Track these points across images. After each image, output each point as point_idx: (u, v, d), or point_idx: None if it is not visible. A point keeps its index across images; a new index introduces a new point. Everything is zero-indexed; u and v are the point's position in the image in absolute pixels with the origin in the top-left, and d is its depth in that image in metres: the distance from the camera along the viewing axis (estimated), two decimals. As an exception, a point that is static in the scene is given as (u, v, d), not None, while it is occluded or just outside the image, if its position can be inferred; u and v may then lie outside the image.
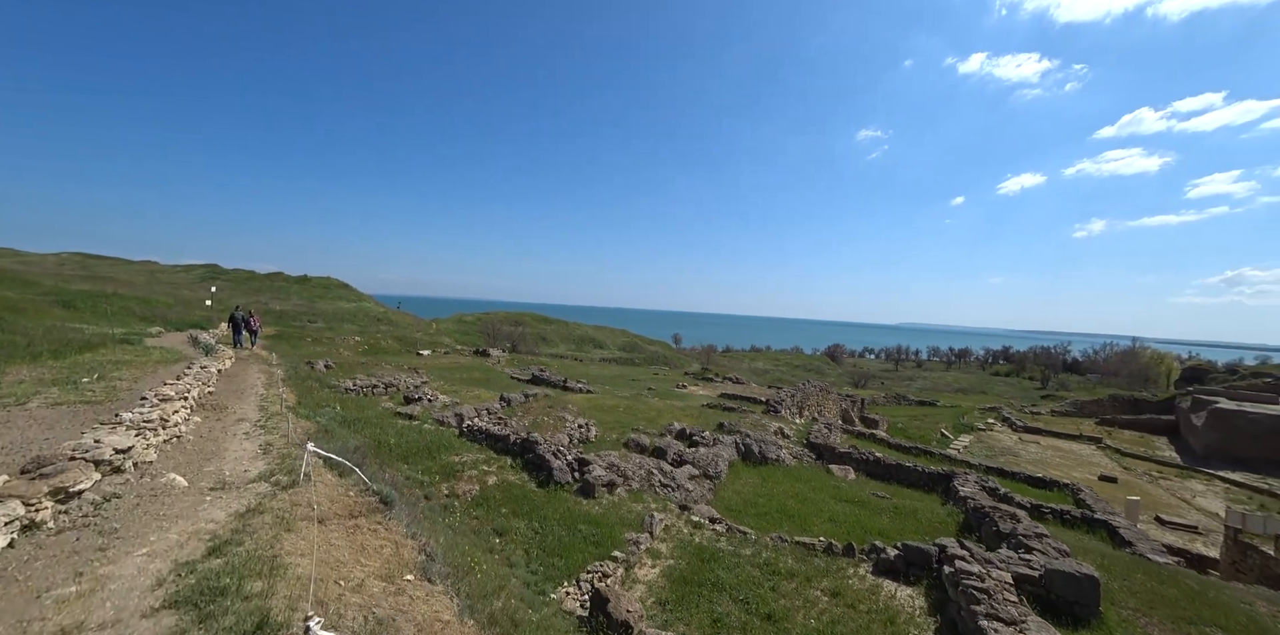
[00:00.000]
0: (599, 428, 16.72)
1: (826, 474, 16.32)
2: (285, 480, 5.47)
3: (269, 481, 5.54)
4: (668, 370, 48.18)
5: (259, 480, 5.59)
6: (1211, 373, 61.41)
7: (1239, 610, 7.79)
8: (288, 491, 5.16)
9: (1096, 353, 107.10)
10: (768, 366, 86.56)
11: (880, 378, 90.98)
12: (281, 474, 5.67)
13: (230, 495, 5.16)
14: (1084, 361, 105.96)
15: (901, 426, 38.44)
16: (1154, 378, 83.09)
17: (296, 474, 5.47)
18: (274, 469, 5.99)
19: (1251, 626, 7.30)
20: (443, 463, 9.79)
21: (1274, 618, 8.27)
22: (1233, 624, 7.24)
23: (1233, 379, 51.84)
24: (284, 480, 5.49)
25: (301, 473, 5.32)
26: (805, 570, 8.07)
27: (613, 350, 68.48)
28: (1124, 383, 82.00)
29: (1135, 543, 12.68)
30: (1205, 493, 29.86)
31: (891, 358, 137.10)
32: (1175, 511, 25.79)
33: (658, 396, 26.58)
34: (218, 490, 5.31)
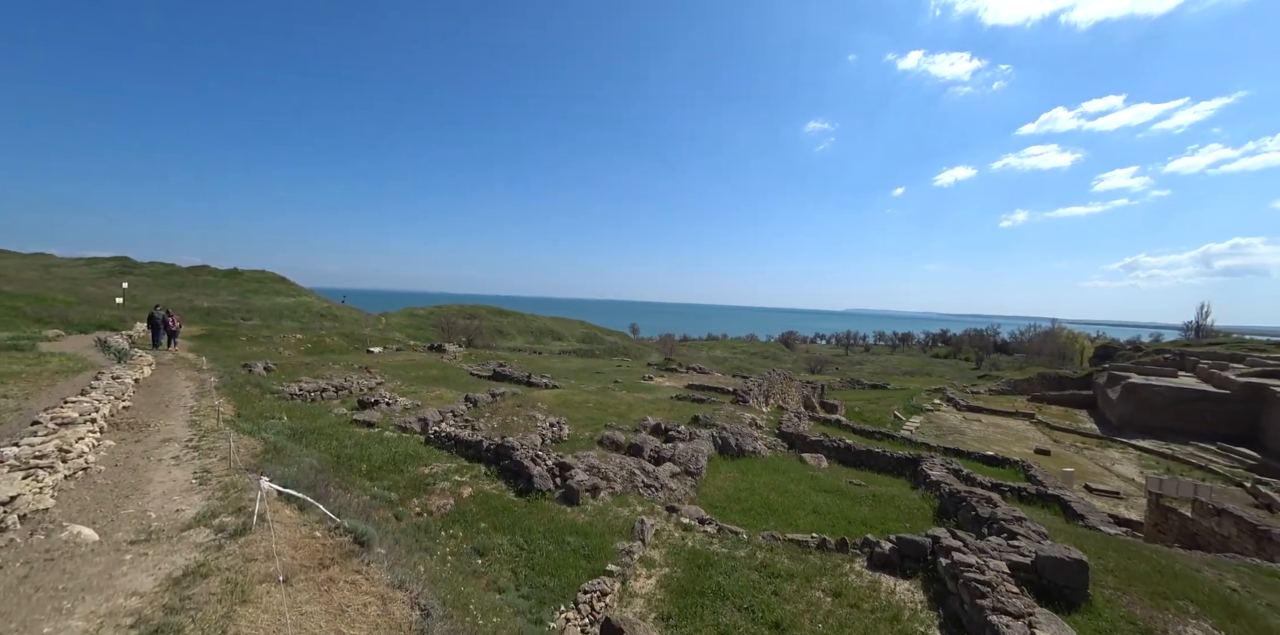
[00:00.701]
0: (571, 426, 16.10)
1: (801, 463, 16.47)
2: (233, 523, 4.47)
3: (211, 525, 4.47)
4: (630, 361, 47.84)
5: (197, 524, 4.50)
6: (1119, 350, 67.72)
7: (1199, 580, 8.28)
8: (238, 540, 4.15)
9: (1022, 334, 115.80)
10: (726, 354, 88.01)
11: (833, 362, 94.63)
12: (227, 513, 4.67)
13: (160, 549, 4.04)
14: (1012, 342, 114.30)
15: (858, 410, 39.95)
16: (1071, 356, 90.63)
17: (247, 513, 4.46)
18: (216, 506, 4.91)
19: (1214, 596, 7.75)
20: (411, 476, 8.93)
21: (1220, 581, 8.89)
22: (1199, 595, 7.66)
23: (1138, 355, 57.31)
24: (231, 523, 4.48)
25: (255, 514, 4.34)
26: (803, 570, 7.89)
27: (572, 342, 67.41)
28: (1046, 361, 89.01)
29: (1086, 516, 13.52)
30: (1122, 460, 32.76)
31: (841, 343, 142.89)
32: (1100, 479, 28.08)
33: (625, 389, 26.16)
34: (142, 543, 4.15)
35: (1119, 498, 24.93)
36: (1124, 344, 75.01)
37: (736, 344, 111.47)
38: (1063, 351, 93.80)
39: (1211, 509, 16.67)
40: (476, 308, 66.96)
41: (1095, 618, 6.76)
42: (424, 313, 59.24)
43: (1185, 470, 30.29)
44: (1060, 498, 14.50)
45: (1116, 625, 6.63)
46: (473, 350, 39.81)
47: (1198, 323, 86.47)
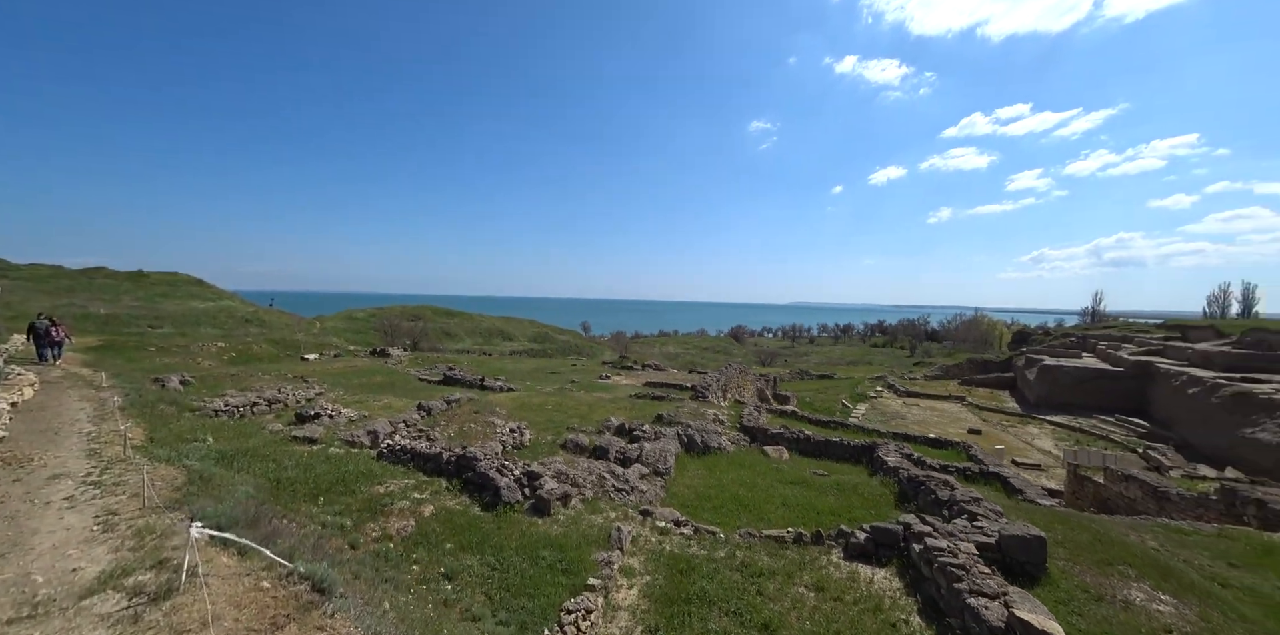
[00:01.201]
0: (532, 430, 15.52)
1: (764, 457, 16.71)
2: (153, 582, 3.47)
3: (123, 587, 3.43)
4: (585, 360, 47.26)
5: (104, 586, 3.42)
6: (1032, 335, 74.39)
7: (1131, 544, 9.02)
8: (161, 606, 3.18)
9: (949, 323, 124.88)
10: (678, 350, 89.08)
11: (781, 354, 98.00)
12: (144, 569, 3.66)
13: (50, 629, 2.94)
14: (941, 331, 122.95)
15: (809, 400, 41.45)
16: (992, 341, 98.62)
17: (172, 566, 3.54)
18: (128, 560, 3.83)
19: (1145, 558, 8.44)
20: (365, 497, 8.15)
21: (1144, 542, 9.75)
22: (1134, 559, 8.31)
23: (1048, 340, 63.17)
24: (150, 582, 3.47)
25: (183, 568, 3.45)
26: (784, 566, 7.87)
27: (523, 342, 65.80)
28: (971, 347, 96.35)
29: (1024, 490, 14.52)
30: (1040, 435, 35.85)
31: (788, 335, 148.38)
32: (1024, 454, 30.57)
33: (583, 389, 25.68)
34: (23, 623, 3.02)
35: (1041, 470, 27.26)
36: (1036, 329, 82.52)
37: (688, 339, 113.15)
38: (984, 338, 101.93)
39: (1120, 475, 18.44)
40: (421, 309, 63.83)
41: (1054, 590, 7.15)
42: (364, 315, 55.74)
43: (1090, 441, 33.60)
44: (1000, 475, 15.53)
45: (1073, 594, 7.04)
46: (419, 353, 37.85)
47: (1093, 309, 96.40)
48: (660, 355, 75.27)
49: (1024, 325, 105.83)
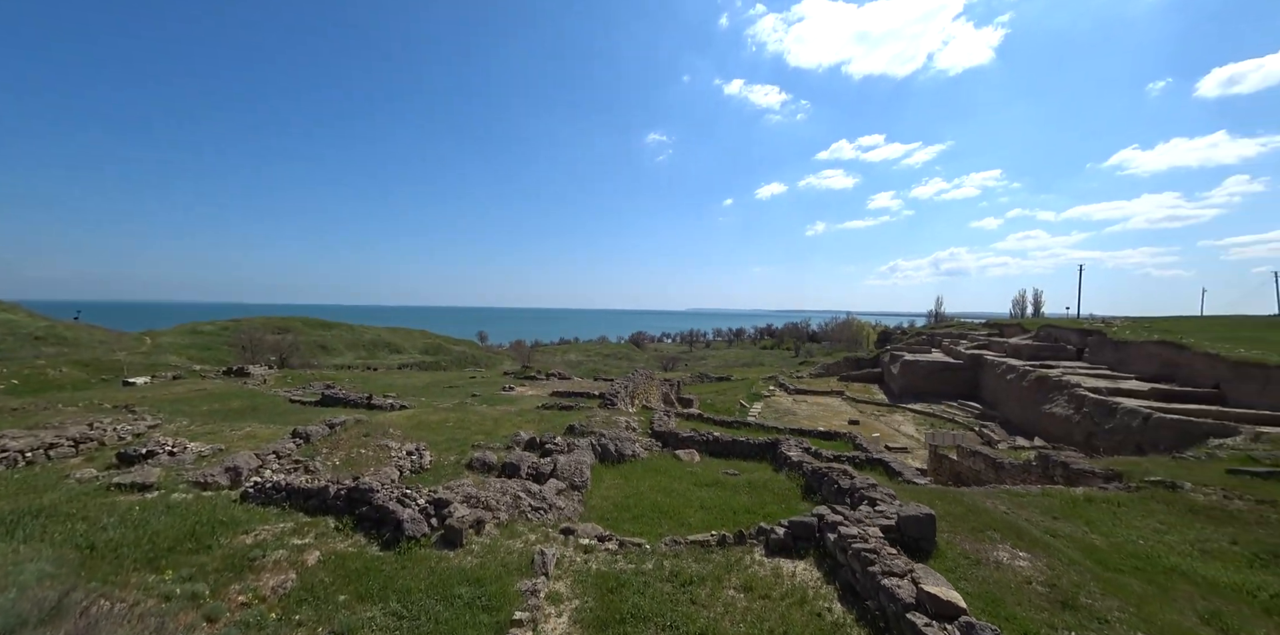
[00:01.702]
0: (433, 451, 14.17)
1: (677, 461, 16.94)
2: None
3: None
4: (484, 371, 44.75)
5: None
6: (893, 334, 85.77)
7: (991, 511, 10.49)
8: None
9: (826, 325, 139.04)
10: (581, 358, 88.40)
11: (680, 359, 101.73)
12: None
13: None
14: (820, 332, 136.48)
15: (710, 402, 43.26)
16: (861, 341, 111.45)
17: None
18: None
19: (1003, 522, 9.85)
20: (226, 552, 6.67)
21: (996, 508, 11.40)
22: (996, 524, 9.65)
23: (905, 338, 73.20)
24: None
25: None
26: (712, 571, 7.89)
27: (413, 354, 60.59)
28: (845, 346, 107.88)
29: (903, 472, 16.38)
30: (904, 422, 40.97)
31: (686, 340, 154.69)
32: (893, 439, 34.67)
33: (485, 403, 24.19)
34: None
35: (907, 452, 31.12)
36: (895, 329, 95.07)
37: (589, 347, 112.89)
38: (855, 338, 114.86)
39: (968, 452, 21.63)
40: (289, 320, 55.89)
41: (943, 560, 7.99)
42: (213, 329, 47.38)
43: (941, 423, 39.22)
44: (882, 460, 17.37)
45: (958, 562, 7.94)
46: (288, 371, 33.01)
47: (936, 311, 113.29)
48: (563, 364, 73.98)
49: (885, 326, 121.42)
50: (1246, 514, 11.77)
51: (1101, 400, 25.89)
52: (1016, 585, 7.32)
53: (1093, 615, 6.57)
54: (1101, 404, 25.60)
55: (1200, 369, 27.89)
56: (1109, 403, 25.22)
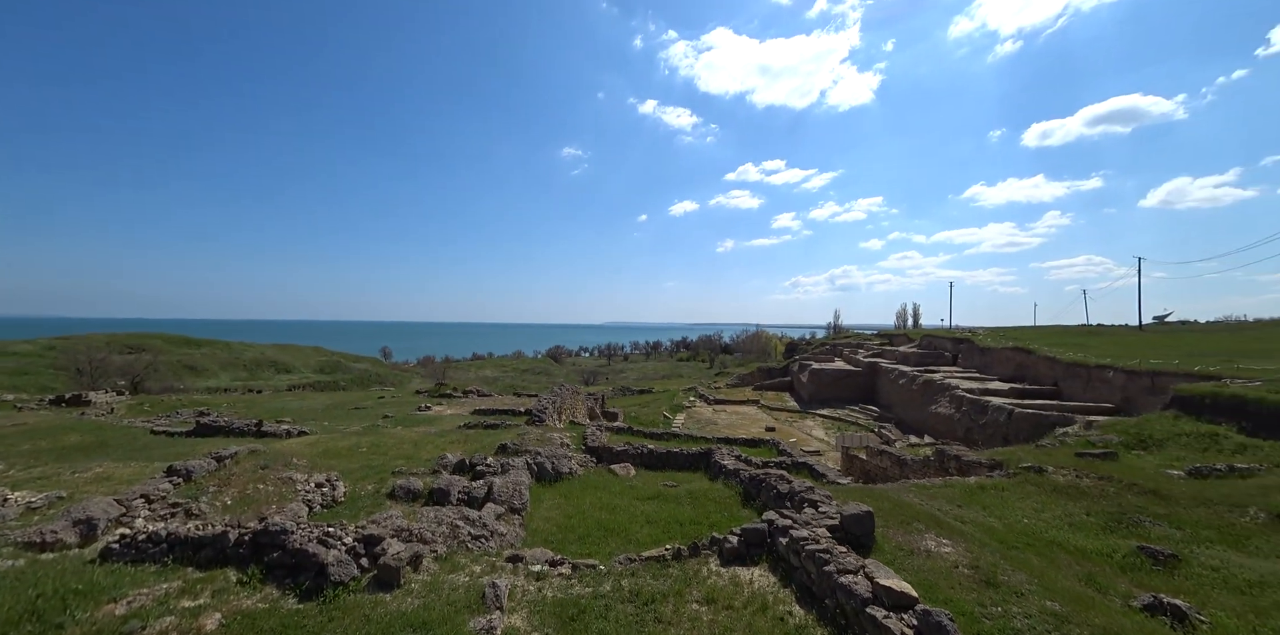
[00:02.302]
0: (346, 481, 12.67)
1: (613, 476, 16.67)
2: None
3: None
4: (393, 391, 41.16)
5: None
6: (799, 345, 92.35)
7: (912, 504, 11.48)
8: None
9: (738, 337, 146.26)
10: (497, 374, 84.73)
11: (600, 372, 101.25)
12: None
13: None
14: (732, 344, 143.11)
15: (634, 414, 43.39)
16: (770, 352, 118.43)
17: None
18: None
19: (923, 513, 10.81)
20: (88, 630, 5.32)
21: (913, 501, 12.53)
22: (919, 515, 10.56)
23: (810, 348, 79.18)
24: None
25: None
26: (672, 586, 7.76)
27: (305, 373, 54.14)
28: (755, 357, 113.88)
29: (826, 474, 17.48)
30: (815, 427, 43.89)
31: (604, 354, 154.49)
32: (807, 443, 36.92)
33: (400, 424, 22.22)
34: None
35: (820, 454, 33.27)
36: (800, 340, 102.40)
37: (505, 362, 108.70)
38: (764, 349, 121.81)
39: (876, 451, 23.64)
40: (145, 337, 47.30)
41: (882, 553, 8.56)
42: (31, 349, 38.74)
43: (845, 426, 42.59)
44: (807, 464, 18.43)
45: (895, 554, 8.55)
46: (146, 397, 27.90)
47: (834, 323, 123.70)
48: (478, 380, 70.35)
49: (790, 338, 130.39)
50: (1093, 489, 14.02)
51: (975, 399, 29.70)
52: (946, 570, 8.03)
53: (1011, 590, 7.38)
54: (976, 403, 29.35)
55: (1043, 370, 33.11)
56: (981, 401, 28.99)
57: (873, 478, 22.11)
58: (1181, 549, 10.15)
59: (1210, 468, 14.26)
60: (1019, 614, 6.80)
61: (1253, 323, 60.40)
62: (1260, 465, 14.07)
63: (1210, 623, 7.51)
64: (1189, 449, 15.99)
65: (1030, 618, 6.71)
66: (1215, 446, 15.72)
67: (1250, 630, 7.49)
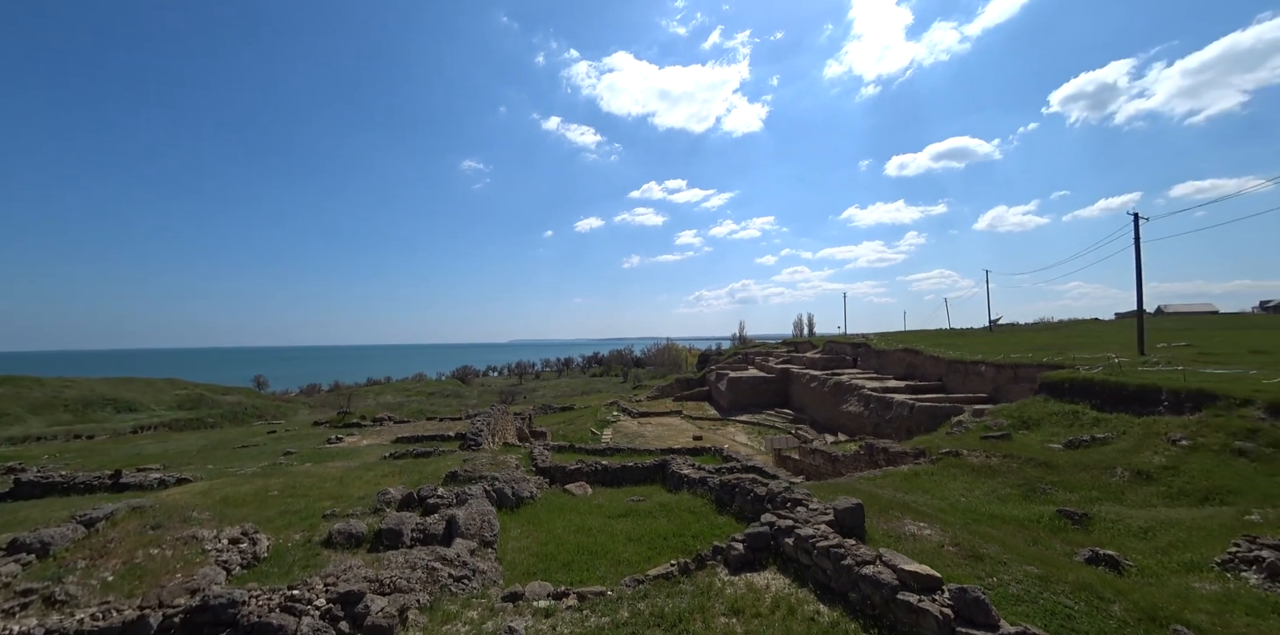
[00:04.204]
0: (267, 532, 10.60)
1: (571, 496, 15.84)
2: None
3: None
4: (283, 423, 35.67)
5: None
6: (711, 356, 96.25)
7: (881, 495, 12.23)
8: None
9: (648, 351, 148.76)
10: (400, 399, 77.47)
11: (513, 392, 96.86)
12: None
13: None
14: (644, 357, 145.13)
15: (561, 432, 41.99)
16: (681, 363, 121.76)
17: None
18: None
19: (895, 503, 11.53)
20: None
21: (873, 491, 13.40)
22: (893, 505, 11.23)
23: (724, 358, 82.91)
24: None
25: None
26: (693, 603, 7.43)
27: (159, 411, 44.95)
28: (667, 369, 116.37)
29: (778, 476, 18.14)
30: (737, 432, 45.66)
31: (515, 373, 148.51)
32: (734, 449, 38.14)
33: (309, 461, 19.25)
34: None
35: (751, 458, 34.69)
36: (710, 351, 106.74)
37: (407, 385, 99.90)
38: (676, 361, 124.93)
39: (809, 450, 25.13)
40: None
41: (874, 541, 8.96)
42: None
43: (765, 430, 44.87)
44: (755, 466, 19.01)
45: (885, 540, 9.01)
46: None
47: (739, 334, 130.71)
48: (378, 406, 63.73)
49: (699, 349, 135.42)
50: (1001, 467, 16.08)
51: (881, 397, 32.92)
52: (935, 550, 8.61)
53: (995, 560, 8.10)
54: (881, 400, 32.53)
55: (930, 368, 37.74)
56: (886, 398, 32.20)
57: (809, 475, 23.40)
58: (1085, 508, 11.94)
59: (1080, 439, 17.10)
60: (1010, 581, 7.46)
61: (1059, 322, 74.47)
62: (1112, 434, 17.18)
63: (1135, 565, 8.85)
64: (1059, 425, 19.09)
65: (1021, 583, 7.39)
66: (1077, 422, 18.95)
67: (1161, 566, 8.95)
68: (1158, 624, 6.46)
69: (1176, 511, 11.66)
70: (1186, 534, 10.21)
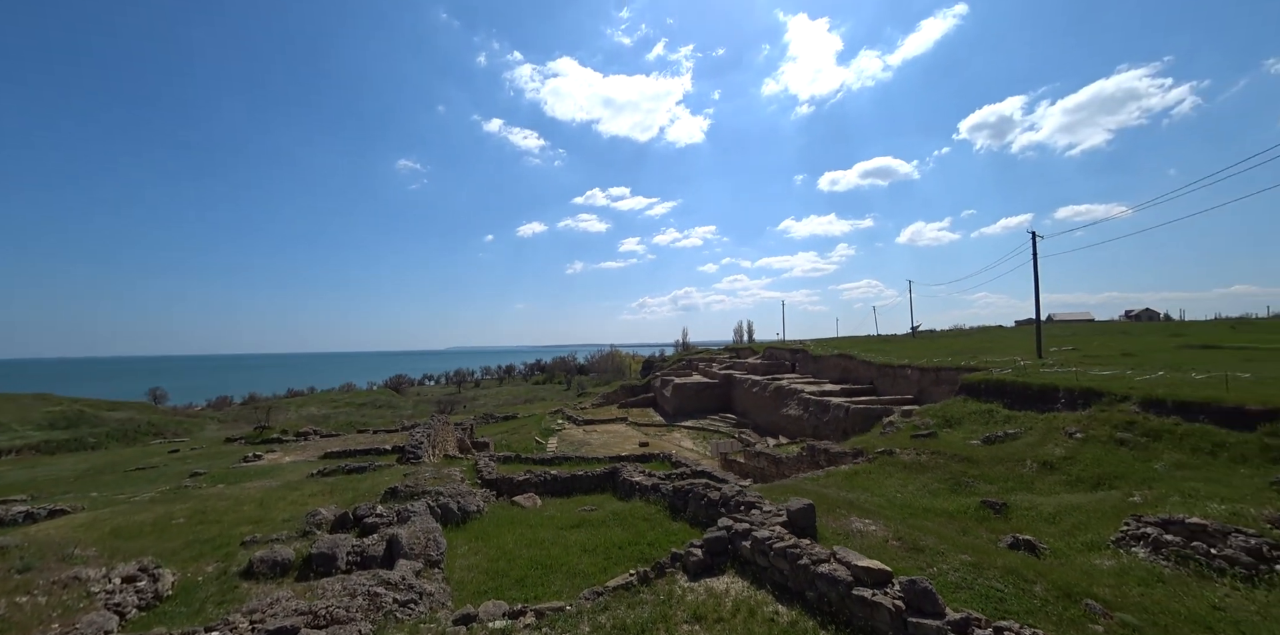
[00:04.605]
0: (171, 567, 9.40)
1: (520, 508, 15.30)
2: None
3: None
4: (188, 441, 31.88)
5: None
6: (655, 362, 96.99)
7: (828, 494, 12.72)
8: None
9: (592, 358, 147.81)
10: (327, 410, 71.84)
11: (452, 401, 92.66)
12: None
13: None
14: (587, 365, 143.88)
15: (505, 442, 40.68)
16: (625, 370, 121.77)
17: None
18: None
19: (840, 501, 12.03)
20: None
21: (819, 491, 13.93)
22: (840, 503, 11.71)
23: (668, 365, 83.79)
24: None
25: None
26: (655, 612, 7.34)
27: (26, 432, 38.69)
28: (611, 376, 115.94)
29: (728, 480, 18.46)
30: (683, 438, 46.14)
31: (453, 381, 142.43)
32: (681, 454, 38.49)
33: (223, 482, 17.37)
34: None
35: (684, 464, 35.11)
36: (655, 357, 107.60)
37: (334, 396, 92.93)
38: (620, 368, 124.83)
39: (754, 453, 25.82)
40: None
41: (825, 539, 9.28)
42: None
43: (710, 435, 45.66)
44: (705, 471, 19.25)
45: (835, 538, 9.34)
46: None
47: (682, 341, 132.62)
48: (300, 419, 58.73)
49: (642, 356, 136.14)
50: (930, 463, 17.28)
51: (819, 400, 34.50)
52: (880, 545, 9.05)
53: (933, 551, 8.62)
54: (820, 403, 34.10)
55: (862, 372, 40.06)
56: (824, 402, 33.79)
57: (755, 477, 24.02)
58: (1004, 498, 13.05)
59: (994, 435, 18.74)
60: (949, 569, 7.97)
61: (971, 329, 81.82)
62: (1021, 429, 18.98)
63: (1049, 547, 9.76)
64: (978, 423, 20.84)
65: (957, 571, 7.91)
66: (992, 419, 20.79)
67: (1069, 547, 9.93)
68: (1072, 600, 7.11)
69: (1076, 497, 13.02)
70: (1085, 517, 11.41)
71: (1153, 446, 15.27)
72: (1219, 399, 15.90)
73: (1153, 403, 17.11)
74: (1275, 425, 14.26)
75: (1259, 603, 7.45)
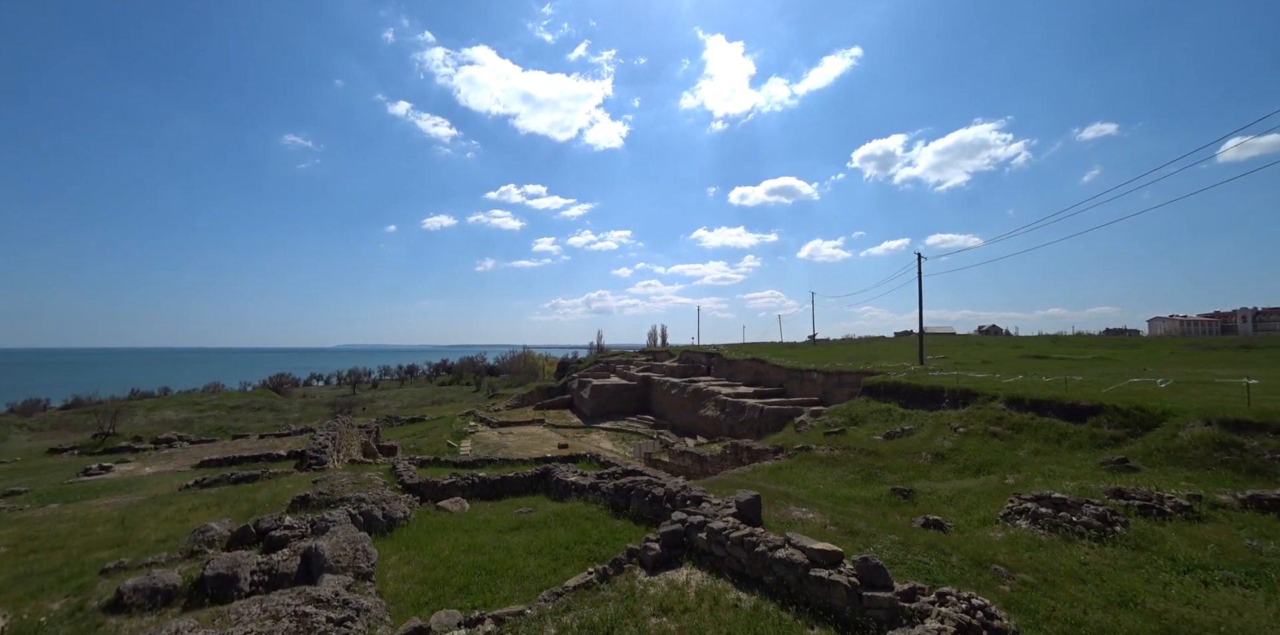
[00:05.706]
0: (23, 605, 7.57)
1: (448, 513, 14.31)
2: None
3: None
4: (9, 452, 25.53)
5: None
6: (570, 364, 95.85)
7: (765, 486, 13.38)
8: None
9: (503, 358, 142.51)
10: (188, 414, 61.79)
11: (347, 403, 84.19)
12: None
13: None
14: (498, 365, 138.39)
15: (413, 446, 37.99)
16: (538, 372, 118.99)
17: None
18: None
19: (778, 492, 12.77)
20: None
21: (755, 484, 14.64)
22: (777, 495, 12.45)
23: (584, 367, 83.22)
24: None
25: None
26: (621, 609, 7.24)
27: None
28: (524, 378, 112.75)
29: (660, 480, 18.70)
30: (602, 439, 46.13)
31: (347, 382, 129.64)
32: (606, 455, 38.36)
33: (54, 501, 14.25)
34: None
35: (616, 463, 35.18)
36: (570, 359, 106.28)
37: (198, 398, 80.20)
38: (533, 369, 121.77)
39: (679, 452, 26.48)
40: None
41: (770, 528, 9.77)
42: None
43: (629, 436, 46.14)
44: (637, 470, 19.36)
45: (779, 526, 9.92)
46: None
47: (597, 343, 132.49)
48: (154, 425, 49.96)
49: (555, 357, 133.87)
50: (843, 457, 18.93)
51: (735, 402, 36.26)
52: (820, 530, 9.74)
53: (867, 534, 9.46)
54: (736, 405, 35.84)
55: (773, 375, 42.79)
56: (740, 403, 35.58)
57: (683, 475, 24.61)
58: (909, 485, 14.66)
59: (895, 431, 20.99)
60: (882, 548, 8.79)
61: (861, 339, 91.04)
62: (915, 426, 21.48)
63: (953, 525, 11.12)
64: (879, 421, 23.23)
65: (890, 549, 8.74)
66: (890, 417, 23.29)
67: (968, 524, 11.39)
68: (983, 566, 8.17)
69: (965, 481, 15.00)
70: (976, 498, 13.19)
71: (1016, 437, 18.02)
72: (1061, 397, 19.18)
73: (1015, 401, 20.21)
74: (1099, 418, 17.50)
75: (1109, 556, 9.10)
